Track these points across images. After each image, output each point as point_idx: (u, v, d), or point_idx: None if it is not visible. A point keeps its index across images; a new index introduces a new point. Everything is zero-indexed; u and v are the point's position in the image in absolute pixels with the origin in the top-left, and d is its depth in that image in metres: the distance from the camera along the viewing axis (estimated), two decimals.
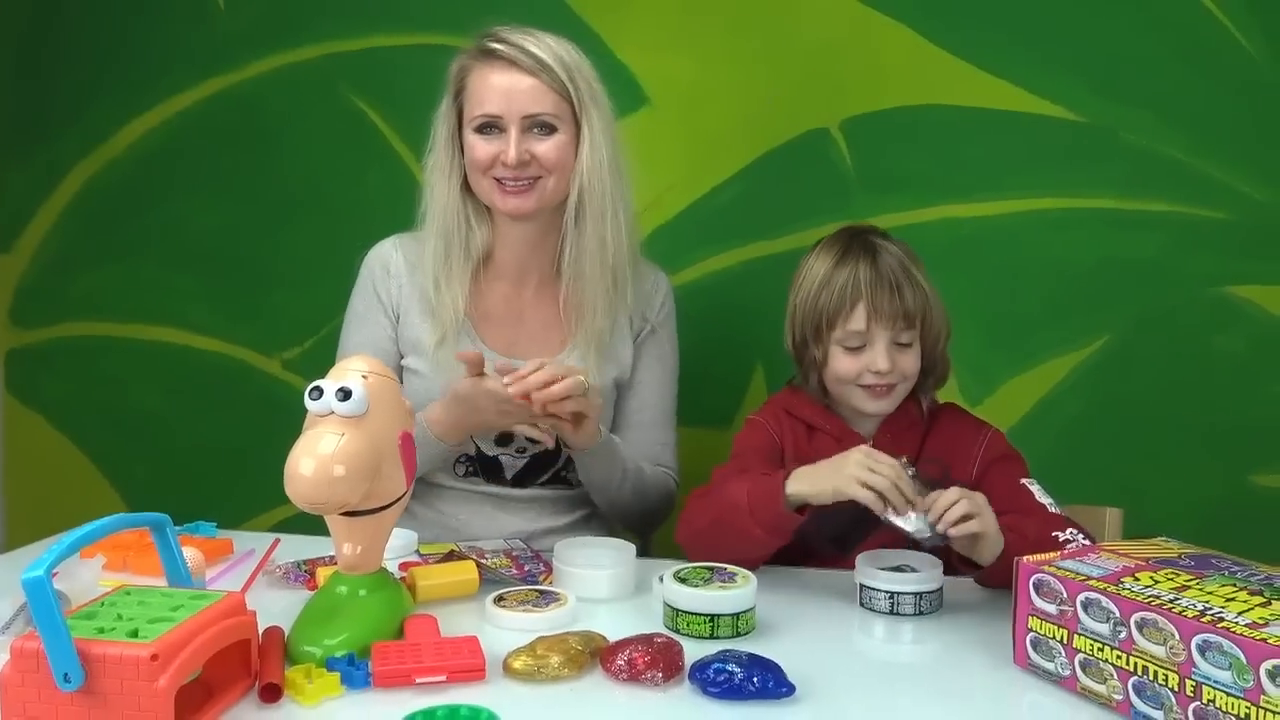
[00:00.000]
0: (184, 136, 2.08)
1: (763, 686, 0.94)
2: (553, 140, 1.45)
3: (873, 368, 1.37)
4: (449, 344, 1.49)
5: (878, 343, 1.37)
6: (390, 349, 1.54)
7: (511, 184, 1.45)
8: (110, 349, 2.15)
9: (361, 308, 1.56)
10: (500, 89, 1.42)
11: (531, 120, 1.43)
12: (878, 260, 1.38)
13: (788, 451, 1.43)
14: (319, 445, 0.97)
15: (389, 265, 1.55)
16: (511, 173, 1.43)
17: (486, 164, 1.45)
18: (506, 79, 1.43)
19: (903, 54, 1.84)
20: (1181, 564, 1.00)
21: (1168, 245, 1.79)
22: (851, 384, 1.39)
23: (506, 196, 1.46)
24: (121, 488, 2.18)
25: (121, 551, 1.30)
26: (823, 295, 1.39)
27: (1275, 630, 0.82)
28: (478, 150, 1.45)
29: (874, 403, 1.40)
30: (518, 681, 0.98)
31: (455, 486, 1.54)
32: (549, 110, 1.44)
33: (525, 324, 1.55)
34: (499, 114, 1.42)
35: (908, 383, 1.41)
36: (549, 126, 1.44)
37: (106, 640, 0.84)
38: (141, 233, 2.12)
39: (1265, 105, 1.75)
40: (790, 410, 1.46)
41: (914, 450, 1.40)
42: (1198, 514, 1.78)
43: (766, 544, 1.26)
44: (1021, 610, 1.03)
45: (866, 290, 1.36)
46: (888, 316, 1.36)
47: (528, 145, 1.43)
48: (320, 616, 1.05)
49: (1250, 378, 1.79)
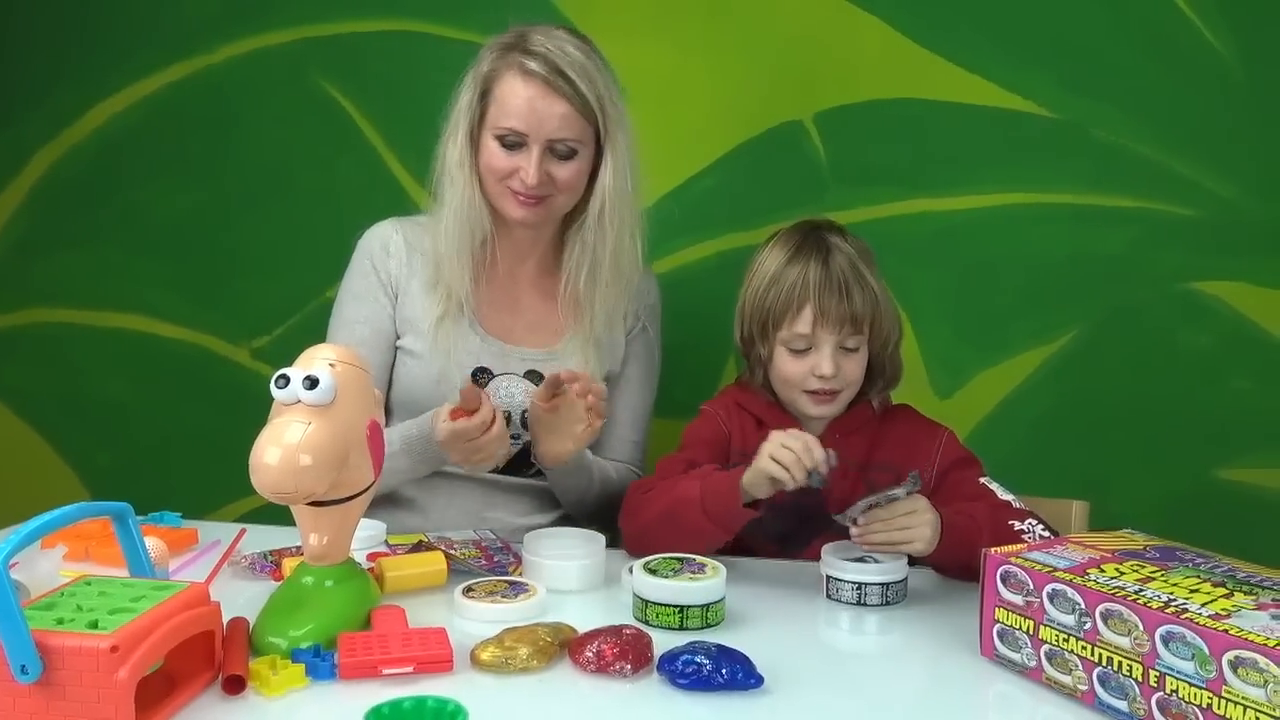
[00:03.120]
0: (151, 120, 2.05)
1: (731, 678, 0.95)
2: (572, 165, 1.45)
3: (817, 372, 1.35)
4: (449, 322, 1.49)
5: (823, 347, 1.35)
6: (389, 327, 1.53)
7: (524, 197, 1.45)
8: (74, 336, 2.11)
9: (359, 285, 1.54)
10: (531, 109, 1.41)
11: (555, 144, 1.43)
12: (829, 260, 1.36)
13: (735, 445, 1.43)
14: (285, 434, 0.96)
15: (388, 245, 1.54)
16: (526, 188, 1.43)
17: (504, 174, 1.44)
18: (539, 100, 1.41)
19: (877, 47, 1.84)
20: (1147, 556, 1.01)
21: (1136, 241, 1.81)
22: (795, 388, 1.38)
23: (517, 207, 1.46)
24: (85, 477, 2.14)
25: (83, 541, 1.28)
26: (771, 293, 1.37)
27: (1237, 622, 0.83)
28: (497, 160, 1.44)
29: (817, 408, 1.38)
30: (486, 673, 0.98)
31: (445, 471, 1.51)
32: (574, 136, 1.43)
33: (521, 313, 1.56)
34: (525, 132, 1.41)
35: (852, 389, 1.40)
36: (571, 151, 1.44)
37: (65, 631, 0.83)
38: (107, 218, 2.08)
39: (1233, 103, 1.77)
40: (741, 404, 1.46)
41: (864, 452, 1.40)
42: (1163, 507, 1.80)
43: (715, 539, 1.26)
44: (988, 601, 1.03)
45: (814, 292, 1.34)
46: (835, 320, 1.34)
47: (548, 167, 1.43)
48: (286, 607, 1.04)
49: (1216, 373, 1.81)
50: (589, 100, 1.42)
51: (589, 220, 1.49)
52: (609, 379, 1.58)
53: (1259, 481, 1.82)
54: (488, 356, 1.51)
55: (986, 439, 1.82)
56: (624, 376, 1.60)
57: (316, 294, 1.98)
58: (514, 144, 1.43)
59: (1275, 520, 1.81)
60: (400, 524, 1.46)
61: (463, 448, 1.34)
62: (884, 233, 1.77)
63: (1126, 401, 1.84)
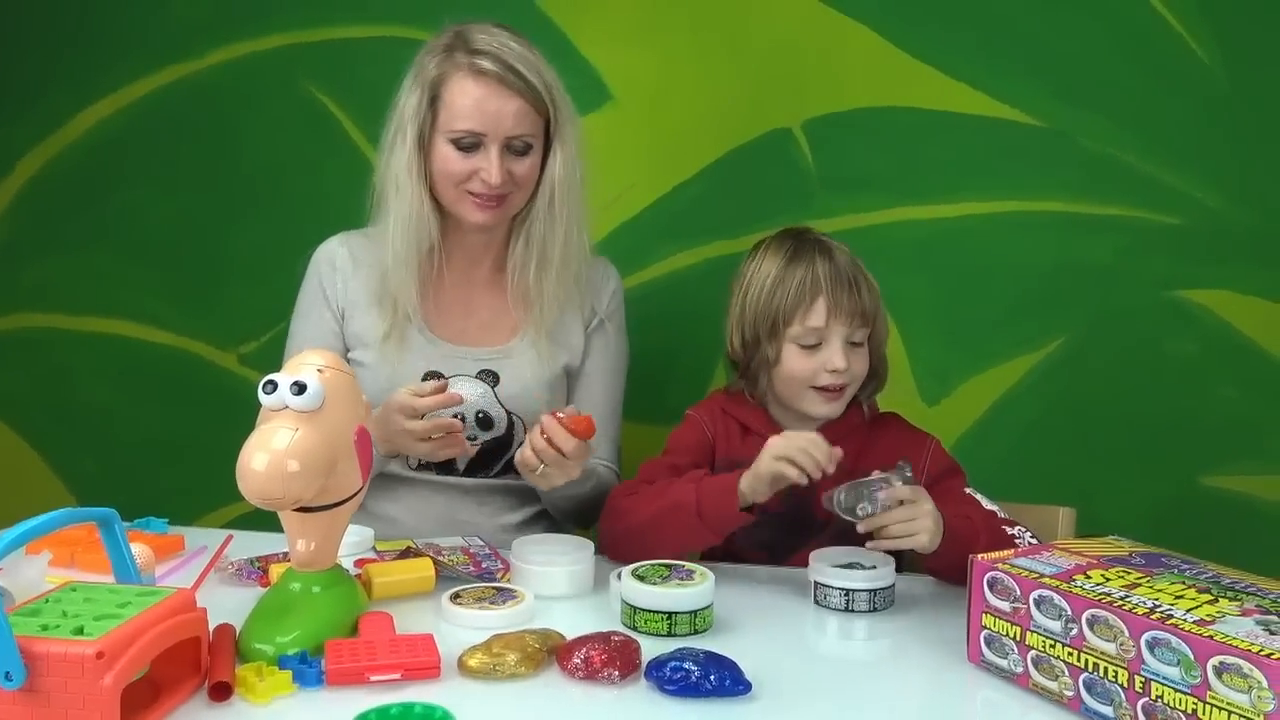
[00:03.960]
0: (140, 125, 2.05)
1: (719, 684, 0.94)
2: (528, 159, 1.45)
3: (829, 366, 1.35)
4: (395, 336, 1.49)
5: (834, 340, 1.35)
6: (336, 345, 1.53)
7: (484, 199, 1.44)
8: (61, 341, 2.10)
9: (306, 304, 1.56)
10: (486, 109, 1.40)
11: (513, 140, 1.43)
12: (833, 257, 1.38)
13: (719, 451, 1.43)
14: (273, 440, 0.96)
15: (334, 261, 1.55)
16: (488, 189, 1.43)
17: (461, 178, 1.43)
18: (494, 99, 1.40)
19: (865, 56, 1.85)
20: (1132, 562, 1.02)
21: (1122, 249, 1.82)
22: (804, 385, 1.37)
23: (476, 209, 1.45)
24: (71, 483, 2.13)
25: (69, 547, 1.27)
26: (778, 292, 1.37)
27: (1222, 628, 0.84)
28: (453, 164, 1.43)
29: (825, 405, 1.38)
30: (473, 679, 0.98)
31: (408, 476, 1.52)
32: (529, 131, 1.43)
33: (475, 314, 1.55)
34: (483, 132, 1.41)
35: (855, 385, 1.40)
36: (527, 146, 1.44)
37: (50, 638, 0.83)
38: (95, 223, 2.08)
39: (1218, 113, 1.78)
40: (727, 409, 1.46)
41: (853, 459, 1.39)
42: (1149, 513, 1.81)
43: (704, 543, 1.27)
44: (976, 607, 1.04)
45: (827, 285, 1.35)
46: (846, 313, 1.35)
47: (506, 165, 1.43)
48: (273, 614, 1.04)
49: (1201, 380, 1.83)
50: (540, 94, 1.43)
51: (537, 212, 1.48)
52: (569, 374, 1.57)
53: (1244, 488, 1.83)
54: (438, 360, 1.50)
55: (974, 446, 1.83)
56: (585, 372, 1.58)
57: None
58: (470, 145, 1.42)
59: (1260, 526, 1.82)
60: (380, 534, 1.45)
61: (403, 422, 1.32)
62: (872, 240, 1.77)
63: (1113, 408, 1.85)
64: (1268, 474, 1.82)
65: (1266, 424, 1.82)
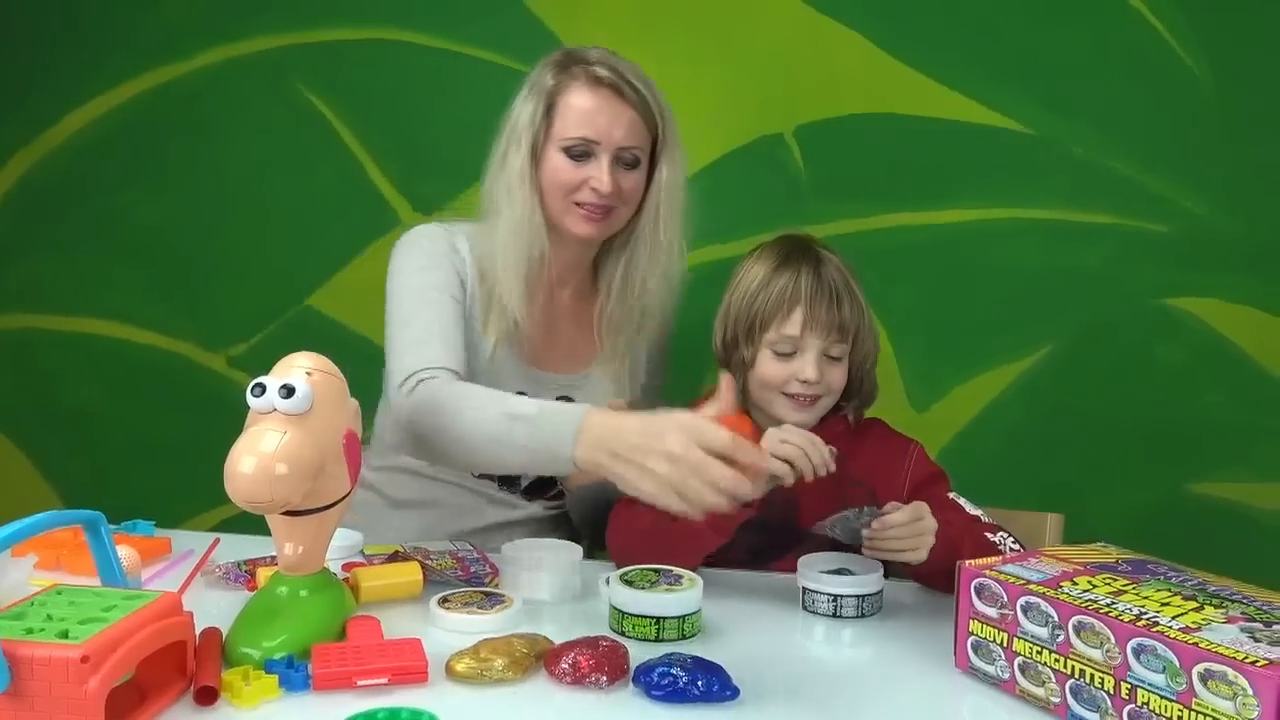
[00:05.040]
0: (129, 126, 2.04)
1: (707, 690, 0.94)
2: (635, 174, 1.45)
3: (800, 376, 1.36)
4: (502, 347, 1.45)
5: (809, 351, 1.36)
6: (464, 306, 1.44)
7: (591, 210, 1.43)
8: (48, 342, 2.10)
9: (440, 281, 1.43)
10: (602, 116, 1.40)
11: (623, 151, 1.42)
12: (821, 269, 1.38)
13: None
14: (260, 443, 0.96)
15: (459, 249, 1.46)
16: (596, 200, 1.42)
17: (572, 187, 1.42)
18: (609, 108, 1.40)
19: (857, 63, 1.86)
20: (1119, 569, 1.02)
21: (1111, 257, 1.83)
22: (776, 391, 1.38)
23: (583, 221, 1.43)
24: (57, 484, 2.12)
25: (55, 550, 1.26)
26: (760, 296, 1.38)
27: (1208, 635, 0.84)
28: (564, 174, 1.42)
29: (796, 413, 1.38)
30: (460, 684, 0.97)
31: (464, 485, 1.51)
32: (639, 144, 1.43)
33: (558, 334, 1.53)
34: (597, 140, 1.40)
35: (831, 397, 1.40)
36: (635, 160, 1.44)
37: (35, 641, 0.82)
38: (82, 224, 2.07)
39: (1207, 122, 1.80)
40: None
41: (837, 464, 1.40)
42: (1136, 520, 1.82)
43: (710, 543, 1.26)
44: (963, 614, 1.04)
45: (806, 296, 1.36)
46: (823, 326, 1.36)
47: (615, 177, 1.42)
48: (259, 617, 1.03)
49: (1189, 388, 1.84)
50: (652, 108, 1.43)
51: (641, 233, 1.47)
52: (643, 391, 1.58)
53: (1231, 495, 1.84)
54: (523, 382, 1.46)
55: (962, 452, 1.84)
56: (651, 388, 1.61)
57: (294, 302, 1.97)
58: (582, 154, 1.41)
59: (1246, 534, 1.83)
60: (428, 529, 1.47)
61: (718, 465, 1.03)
62: (862, 246, 1.78)
63: (1101, 415, 1.86)
64: (1255, 481, 1.83)
65: (1254, 431, 1.83)
